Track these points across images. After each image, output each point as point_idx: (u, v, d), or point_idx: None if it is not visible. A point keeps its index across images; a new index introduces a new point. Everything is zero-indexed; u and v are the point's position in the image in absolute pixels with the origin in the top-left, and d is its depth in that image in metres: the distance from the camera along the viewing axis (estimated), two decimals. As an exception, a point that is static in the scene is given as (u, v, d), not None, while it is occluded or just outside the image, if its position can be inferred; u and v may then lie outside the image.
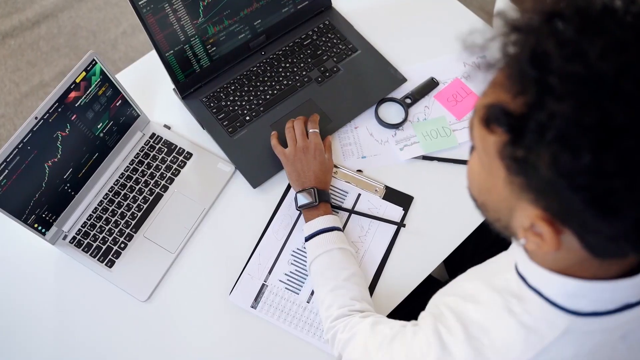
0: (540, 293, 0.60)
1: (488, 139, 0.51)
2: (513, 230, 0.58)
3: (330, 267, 0.96)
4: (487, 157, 0.53)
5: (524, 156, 0.47)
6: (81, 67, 0.97)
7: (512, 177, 0.50)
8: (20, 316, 1.01)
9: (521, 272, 0.64)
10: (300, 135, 1.08)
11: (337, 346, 0.89)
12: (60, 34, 2.35)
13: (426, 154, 1.13)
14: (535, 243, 0.53)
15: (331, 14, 1.27)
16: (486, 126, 0.50)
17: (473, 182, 0.61)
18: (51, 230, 1.03)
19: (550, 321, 0.59)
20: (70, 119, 0.99)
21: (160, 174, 1.11)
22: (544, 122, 0.44)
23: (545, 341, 0.59)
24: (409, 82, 1.20)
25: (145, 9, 1.00)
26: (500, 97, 0.48)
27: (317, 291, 0.97)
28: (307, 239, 1.01)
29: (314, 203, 1.02)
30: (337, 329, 0.89)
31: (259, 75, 1.19)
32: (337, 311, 0.91)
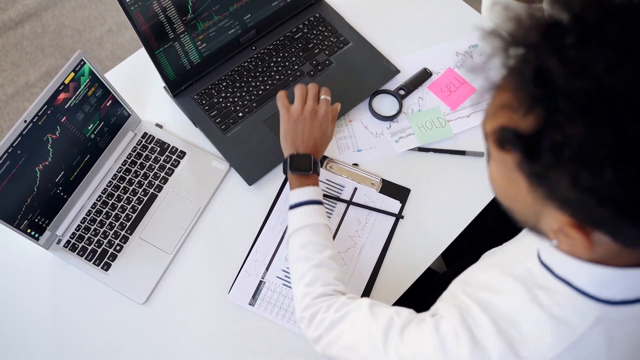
0: (569, 283, 0.59)
1: (505, 156, 0.51)
2: (542, 232, 0.57)
3: (314, 242, 0.90)
4: (506, 169, 0.53)
5: (543, 172, 0.47)
6: (69, 68, 0.96)
7: (534, 187, 0.50)
8: (16, 323, 1.00)
9: (546, 262, 0.63)
10: (312, 97, 1.00)
11: (318, 327, 0.83)
12: (44, 33, 2.32)
13: (422, 146, 1.12)
14: (567, 244, 0.53)
15: (321, 6, 1.26)
16: (500, 148, 0.50)
17: (496, 188, 0.60)
18: (44, 235, 1.01)
19: (581, 311, 0.58)
20: (60, 121, 0.97)
21: (153, 174, 1.10)
22: (558, 142, 0.43)
23: (577, 332, 0.58)
24: (402, 73, 1.19)
25: (133, 6, 0.98)
26: (509, 117, 0.48)
27: (296, 265, 0.90)
28: (292, 206, 0.95)
29: (307, 172, 0.96)
30: (320, 307, 0.84)
31: (251, 71, 1.18)
32: (321, 289, 0.86)
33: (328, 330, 0.82)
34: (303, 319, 0.86)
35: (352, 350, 0.78)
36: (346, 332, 0.80)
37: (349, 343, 0.79)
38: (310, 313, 0.84)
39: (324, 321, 0.82)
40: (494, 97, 0.51)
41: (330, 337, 0.81)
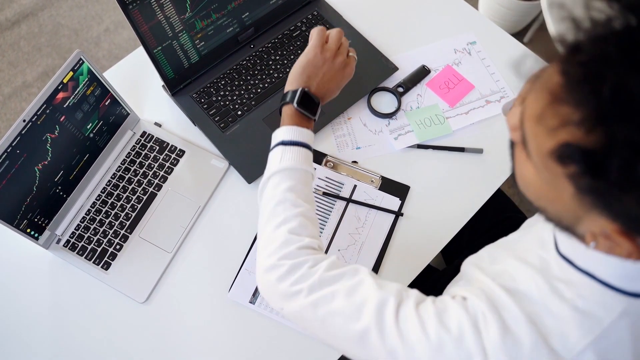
0: (592, 276, 0.59)
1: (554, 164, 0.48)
2: (577, 233, 0.56)
3: (303, 191, 0.81)
4: (552, 177, 0.50)
5: (604, 189, 0.45)
6: (68, 67, 0.95)
7: (584, 196, 0.48)
8: (16, 324, 0.99)
9: (566, 255, 0.62)
10: (346, 49, 0.94)
11: (299, 281, 0.71)
12: (41, 33, 2.31)
13: (421, 143, 1.12)
14: (607, 247, 0.52)
15: (319, 4, 1.26)
16: (559, 162, 0.47)
17: (528, 188, 0.57)
18: (44, 235, 1.01)
19: (606, 304, 0.58)
20: (59, 120, 0.97)
21: (153, 173, 1.10)
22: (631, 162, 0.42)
23: (602, 325, 0.58)
24: (400, 70, 1.20)
25: (132, 5, 0.98)
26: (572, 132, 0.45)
27: (280, 207, 0.79)
28: (285, 143, 0.84)
29: (312, 116, 0.88)
30: (306, 260, 0.73)
31: (249, 69, 1.18)
32: (309, 240, 0.76)
33: (314, 288, 0.70)
34: (278, 267, 0.73)
35: (347, 318, 0.68)
36: (341, 296, 0.69)
37: (344, 309, 0.68)
38: (292, 263, 0.73)
39: (310, 277, 0.71)
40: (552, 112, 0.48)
41: (317, 297, 0.70)
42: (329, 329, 0.69)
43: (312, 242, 0.76)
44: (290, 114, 0.87)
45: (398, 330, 0.64)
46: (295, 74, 0.90)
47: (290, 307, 0.72)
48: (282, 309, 0.73)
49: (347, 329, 0.67)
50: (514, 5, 2.07)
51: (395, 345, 0.64)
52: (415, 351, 0.63)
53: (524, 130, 0.53)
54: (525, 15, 2.15)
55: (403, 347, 0.64)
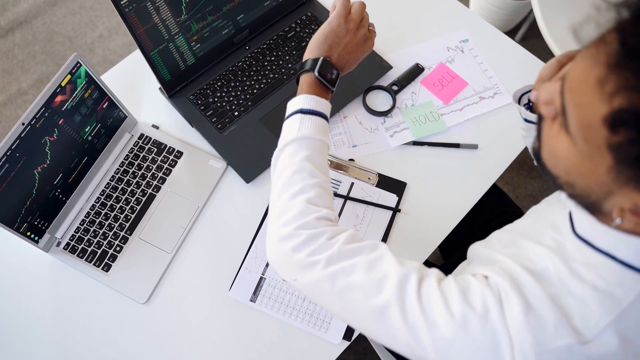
0: (612, 256, 0.59)
1: (598, 132, 0.49)
2: (603, 209, 0.56)
3: (321, 161, 0.79)
4: (587, 146, 0.51)
5: None
6: (66, 70, 0.96)
7: (624, 168, 0.49)
8: (17, 327, 1.00)
9: (584, 236, 0.62)
10: (367, 17, 0.92)
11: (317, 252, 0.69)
12: (35, 40, 2.32)
13: (416, 140, 1.13)
14: (633, 222, 0.53)
15: (313, 5, 1.27)
16: (611, 128, 0.47)
17: (557, 163, 0.58)
18: (44, 238, 1.02)
19: (626, 283, 0.58)
20: (58, 123, 0.97)
21: (151, 175, 1.10)
22: None
23: (622, 304, 0.58)
24: (395, 69, 1.21)
25: (128, 8, 0.99)
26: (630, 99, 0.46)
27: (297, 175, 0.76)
28: (303, 111, 0.81)
29: (331, 86, 0.85)
30: (324, 231, 0.71)
31: (245, 70, 1.19)
32: (326, 211, 0.73)
33: (332, 260, 0.68)
34: (294, 237, 0.71)
35: (367, 292, 0.66)
36: (361, 270, 0.67)
37: (364, 282, 0.66)
38: (310, 233, 0.71)
39: (328, 248, 0.69)
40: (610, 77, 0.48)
41: (335, 269, 0.68)
42: (346, 303, 0.67)
43: (330, 214, 0.74)
44: (309, 83, 0.84)
45: (420, 306, 0.63)
46: (317, 42, 0.87)
47: (305, 279, 0.69)
48: (295, 279, 0.71)
49: (366, 304, 0.66)
50: (504, 4, 2.09)
51: (417, 322, 0.63)
52: (438, 328, 0.62)
53: (564, 102, 0.53)
54: (516, 14, 2.17)
55: (425, 323, 0.62)
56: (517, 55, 1.24)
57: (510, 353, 0.59)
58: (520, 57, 1.23)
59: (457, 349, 0.61)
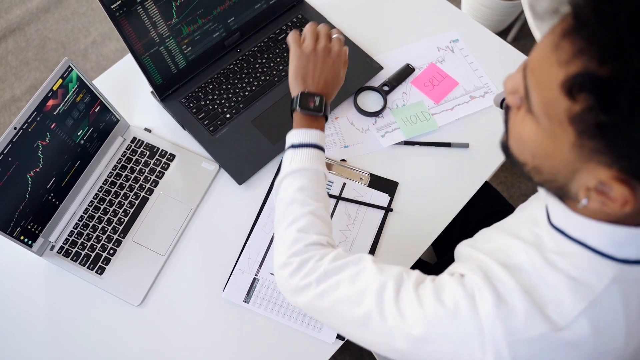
0: (584, 244, 0.60)
1: (558, 106, 0.50)
2: (570, 191, 0.57)
3: (313, 189, 0.84)
4: (550, 123, 0.52)
5: (611, 121, 0.46)
6: (57, 75, 0.97)
7: (585, 141, 0.49)
8: (12, 331, 1.00)
9: (558, 226, 0.63)
10: (325, 35, 0.95)
11: (308, 275, 0.75)
12: (28, 47, 2.32)
13: (407, 139, 1.14)
14: (599, 202, 0.53)
15: (303, 7, 1.28)
16: (568, 94, 0.48)
17: (523, 147, 0.59)
18: (38, 242, 1.02)
19: (598, 271, 0.59)
20: (50, 127, 0.98)
21: (144, 178, 1.11)
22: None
23: (595, 291, 0.59)
24: (385, 69, 1.22)
25: (118, 12, 1.00)
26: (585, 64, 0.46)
27: (290, 207, 0.83)
28: (294, 146, 0.88)
29: (317, 113, 0.90)
30: (313, 255, 0.77)
31: (236, 73, 1.19)
32: (316, 237, 0.79)
33: (321, 279, 0.74)
34: (289, 265, 0.78)
35: (351, 304, 0.71)
36: (345, 284, 0.72)
37: (348, 295, 0.72)
38: (300, 260, 0.77)
39: (316, 270, 0.75)
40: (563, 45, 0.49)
41: (324, 288, 0.74)
42: (336, 317, 0.73)
43: (320, 239, 0.79)
44: (298, 118, 0.91)
45: (398, 310, 0.67)
46: (291, 82, 0.94)
47: (303, 300, 0.76)
48: (296, 302, 0.77)
49: (351, 315, 0.71)
50: (495, 5, 2.10)
51: (395, 325, 0.67)
52: (412, 327, 0.65)
53: (526, 85, 0.54)
54: (507, 15, 2.18)
55: (403, 324, 0.66)
56: (507, 54, 1.25)
57: (480, 347, 0.61)
58: (510, 56, 1.24)
59: (431, 346, 0.65)
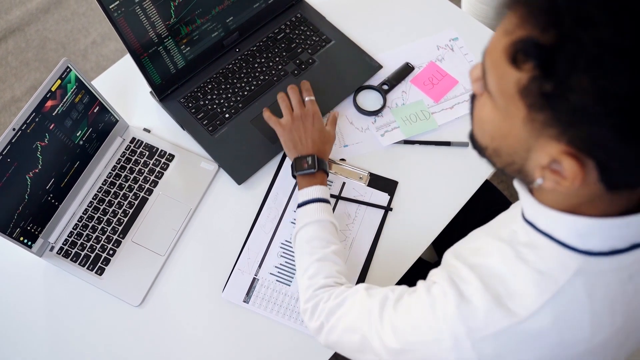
0: (551, 236, 0.61)
1: (509, 78, 0.52)
2: (528, 172, 0.58)
3: (319, 237, 0.93)
4: (504, 99, 0.54)
5: (554, 88, 0.48)
6: (56, 75, 0.97)
7: (535, 114, 0.51)
8: (12, 332, 1.00)
9: (529, 219, 0.64)
10: (297, 103, 1.07)
11: (319, 316, 0.84)
12: (28, 48, 2.32)
13: (407, 138, 1.14)
14: (553, 180, 0.54)
15: (302, 6, 1.28)
16: (512, 62, 0.50)
17: (483, 130, 0.61)
18: (37, 243, 1.02)
19: (563, 263, 0.60)
20: (49, 128, 0.98)
21: (143, 178, 1.11)
22: (578, 51, 0.45)
23: (559, 283, 0.59)
24: (385, 68, 1.21)
25: (117, 12, 1.00)
26: (527, 31, 0.49)
27: (301, 259, 0.94)
28: (299, 205, 0.99)
29: (312, 170, 0.99)
30: (321, 297, 0.86)
31: (235, 73, 1.19)
32: (323, 280, 0.88)
33: (328, 317, 0.83)
34: (306, 310, 0.88)
35: (351, 331, 0.79)
36: (345, 315, 0.81)
37: (347, 325, 0.80)
38: (312, 304, 0.86)
39: (324, 310, 0.84)
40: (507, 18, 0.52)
41: (331, 324, 0.82)
42: (346, 346, 0.82)
43: (328, 282, 0.88)
44: (299, 181, 1.02)
45: (382, 328, 0.73)
46: (288, 155, 1.05)
47: (323, 338, 0.85)
48: (320, 341, 0.87)
49: (353, 341, 0.79)
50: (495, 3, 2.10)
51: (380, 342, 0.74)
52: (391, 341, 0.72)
53: (484, 66, 0.56)
54: (508, 13, 2.17)
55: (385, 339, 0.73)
56: (506, 52, 1.24)
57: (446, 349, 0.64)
58: (510, 54, 1.24)
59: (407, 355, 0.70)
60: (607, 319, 0.61)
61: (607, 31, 0.44)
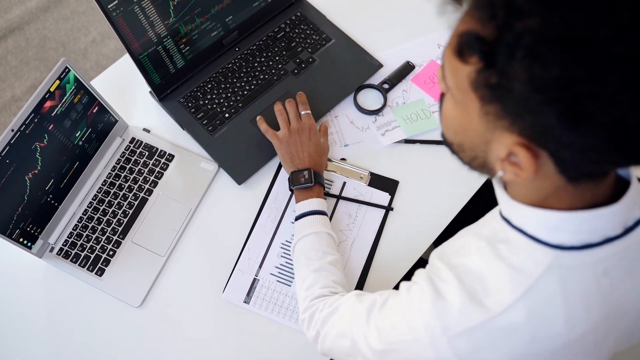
0: (524, 232, 0.61)
1: (461, 73, 0.53)
2: (490, 166, 0.60)
3: (315, 249, 0.95)
4: (460, 94, 0.56)
5: (497, 80, 0.49)
6: (54, 76, 0.96)
7: (487, 106, 0.53)
8: (11, 333, 1.00)
9: (505, 215, 0.65)
10: (294, 116, 1.08)
11: (315, 325, 0.87)
12: (28, 47, 2.32)
13: (408, 138, 1.13)
14: (512, 172, 0.56)
15: (302, 5, 1.27)
16: (459, 56, 0.52)
17: (448, 126, 0.63)
18: (37, 244, 1.02)
19: (535, 258, 0.60)
20: (48, 129, 0.97)
21: (143, 178, 1.10)
22: (514, 42, 0.46)
23: (532, 278, 0.60)
24: (385, 67, 1.21)
25: (115, 12, 0.99)
26: (471, 26, 0.50)
27: (298, 271, 0.96)
28: (297, 218, 1.00)
29: (309, 184, 1.01)
30: (317, 307, 0.88)
31: (235, 72, 1.19)
32: (319, 290, 0.91)
33: (323, 325, 0.85)
34: (304, 320, 0.90)
35: (342, 337, 0.81)
36: (337, 322, 0.83)
37: (338, 331, 0.82)
38: (309, 314, 0.89)
39: (319, 319, 0.86)
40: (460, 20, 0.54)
41: (325, 331, 0.85)
42: (338, 352, 0.84)
43: (323, 291, 0.90)
44: (296, 194, 1.04)
45: (369, 331, 0.75)
46: (285, 168, 1.07)
47: (319, 346, 0.87)
48: (318, 350, 0.88)
49: (344, 347, 0.81)
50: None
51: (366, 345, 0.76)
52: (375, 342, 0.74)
53: (444, 63, 0.58)
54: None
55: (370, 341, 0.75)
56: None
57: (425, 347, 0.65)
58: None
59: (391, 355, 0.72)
60: (583, 314, 0.61)
61: (537, 21, 0.45)
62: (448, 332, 0.63)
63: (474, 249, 0.66)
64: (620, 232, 0.60)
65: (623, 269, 0.62)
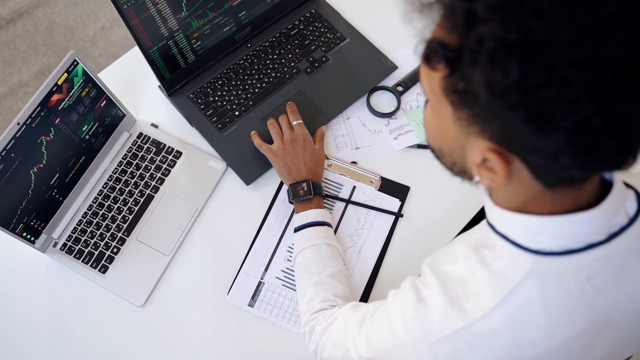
0: (506, 237, 0.61)
1: (433, 79, 0.54)
2: (469, 172, 0.60)
3: (315, 262, 0.95)
4: (435, 100, 0.56)
5: (464, 86, 0.50)
6: (62, 69, 0.94)
7: (459, 112, 0.53)
8: (13, 328, 0.99)
9: (490, 221, 0.65)
10: (286, 127, 1.07)
11: (315, 337, 0.87)
12: (36, 31, 2.29)
13: (421, 142, 1.11)
14: (488, 178, 0.56)
15: (317, 2, 1.24)
16: (427, 63, 0.53)
17: (429, 131, 0.64)
18: (41, 238, 1.00)
19: (516, 263, 0.60)
20: (54, 122, 0.95)
21: (150, 175, 1.09)
22: (475, 48, 0.47)
23: (512, 283, 0.59)
24: (400, 69, 1.18)
25: (127, 4, 0.97)
26: (439, 34, 0.51)
27: (299, 284, 0.96)
28: (296, 230, 0.99)
29: (308, 196, 1.00)
30: (317, 321, 0.88)
31: (246, 69, 1.16)
32: (319, 305, 0.91)
33: (321, 337, 0.86)
34: (305, 334, 0.91)
35: (337, 347, 0.82)
36: (333, 333, 0.84)
37: (334, 341, 0.83)
38: (309, 327, 0.89)
39: (318, 332, 0.87)
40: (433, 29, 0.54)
41: (323, 342, 0.86)
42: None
43: (323, 305, 0.90)
44: (296, 206, 1.02)
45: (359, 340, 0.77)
46: (283, 181, 1.05)
47: (319, 358, 0.88)
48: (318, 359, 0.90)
49: (337, 357, 0.82)
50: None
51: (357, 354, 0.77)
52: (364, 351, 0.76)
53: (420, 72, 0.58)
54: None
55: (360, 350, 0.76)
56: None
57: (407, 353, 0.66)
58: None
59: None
60: (565, 320, 0.61)
61: (497, 26, 0.45)
62: (429, 338, 0.64)
63: (461, 255, 0.66)
64: (604, 238, 0.59)
65: (608, 276, 0.61)
